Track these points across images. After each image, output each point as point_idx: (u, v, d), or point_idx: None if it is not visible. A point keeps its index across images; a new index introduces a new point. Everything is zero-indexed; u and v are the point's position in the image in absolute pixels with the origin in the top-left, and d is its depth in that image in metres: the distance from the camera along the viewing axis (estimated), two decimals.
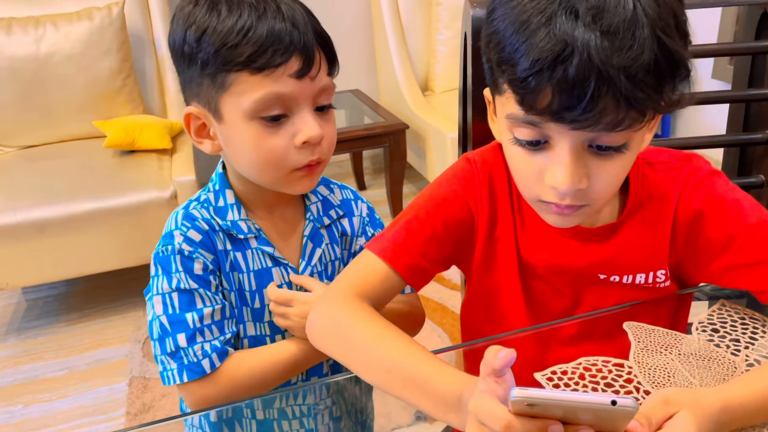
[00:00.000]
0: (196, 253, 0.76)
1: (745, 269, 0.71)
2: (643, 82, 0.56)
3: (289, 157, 0.75)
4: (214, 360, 0.76)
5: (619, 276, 0.76)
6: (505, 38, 0.60)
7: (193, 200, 0.82)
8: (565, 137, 0.61)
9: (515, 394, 0.46)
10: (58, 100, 2.26)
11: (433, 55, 2.83)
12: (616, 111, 0.57)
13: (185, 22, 0.72)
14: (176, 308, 0.76)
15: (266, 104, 0.72)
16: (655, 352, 0.70)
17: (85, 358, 1.98)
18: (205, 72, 0.72)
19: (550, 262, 0.77)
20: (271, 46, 0.70)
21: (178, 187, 2.05)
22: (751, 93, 0.94)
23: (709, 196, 0.73)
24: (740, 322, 0.74)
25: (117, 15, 2.28)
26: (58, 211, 1.95)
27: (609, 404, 0.45)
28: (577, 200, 0.65)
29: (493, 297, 0.81)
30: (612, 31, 0.55)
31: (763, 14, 0.91)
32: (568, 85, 0.56)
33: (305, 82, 0.73)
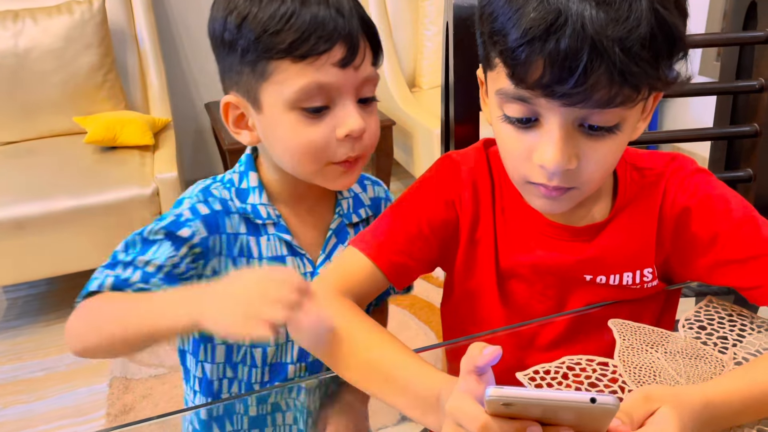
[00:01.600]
0: (191, 222, 0.73)
1: (731, 266, 0.70)
2: (639, 56, 0.54)
3: (328, 150, 0.72)
4: (105, 285, 0.68)
5: (605, 276, 0.74)
6: (497, 8, 0.58)
7: (217, 179, 0.80)
8: (555, 115, 0.59)
9: (490, 394, 0.44)
10: (37, 95, 2.21)
11: (420, 51, 2.81)
12: (609, 86, 0.55)
13: (226, 8, 0.70)
14: (128, 249, 0.71)
15: (308, 94, 0.69)
16: (641, 350, 0.68)
17: (65, 359, 1.94)
18: (245, 60, 0.70)
19: (535, 262, 0.75)
20: (314, 32, 0.67)
21: (160, 184, 2.02)
22: (739, 85, 0.92)
23: (695, 193, 0.71)
24: (728, 320, 0.73)
25: (98, 9, 2.24)
26: (37, 209, 1.91)
27: (588, 402, 0.42)
28: (566, 182, 0.63)
29: (473, 300, 0.79)
30: (608, 1, 0.53)
31: (751, 4, 0.89)
32: (560, 56, 0.54)
33: (349, 72, 0.70)
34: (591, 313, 0.76)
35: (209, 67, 2.80)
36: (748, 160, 0.93)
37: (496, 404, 0.45)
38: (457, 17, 0.84)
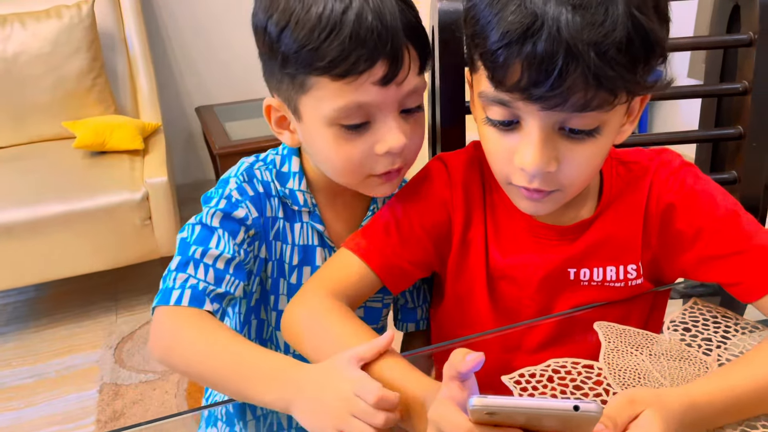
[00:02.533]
0: (243, 203, 0.74)
1: (715, 261, 0.70)
2: (614, 60, 0.54)
3: (367, 164, 0.71)
4: (184, 298, 0.67)
5: (589, 270, 0.74)
6: (479, 11, 0.59)
7: (259, 159, 0.80)
8: (534, 118, 0.59)
9: (474, 403, 0.44)
10: (26, 100, 2.20)
11: None
12: (584, 89, 0.56)
13: (268, 9, 0.67)
14: (191, 237, 0.71)
15: (347, 113, 0.67)
16: (626, 352, 0.68)
17: (55, 365, 1.92)
18: (284, 70, 0.68)
19: (524, 263, 0.75)
20: (354, 50, 0.63)
21: (149, 188, 2.01)
22: (723, 88, 0.93)
23: (680, 188, 0.71)
24: (712, 321, 0.73)
25: (87, 13, 2.23)
26: (25, 214, 1.90)
27: (571, 410, 0.43)
28: (546, 185, 0.63)
29: (463, 303, 0.79)
30: (584, 5, 0.54)
31: (734, 8, 0.90)
32: (536, 59, 0.55)
33: (390, 89, 0.67)
34: (578, 316, 0.76)
35: (199, 71, 2.80)
36: (732, 162, 0.94)
37: (480, 413, 0.45)
38: (442, 21, 0.84)
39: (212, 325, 0.66)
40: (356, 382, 0.55)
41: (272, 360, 0.62)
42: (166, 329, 0.67)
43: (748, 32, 0.88)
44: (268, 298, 0.81)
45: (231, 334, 0.66)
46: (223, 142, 2.30)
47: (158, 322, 0.67)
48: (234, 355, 0.63)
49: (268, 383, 0.60)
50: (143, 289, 2.23)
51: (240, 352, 0.63)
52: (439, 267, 0.80)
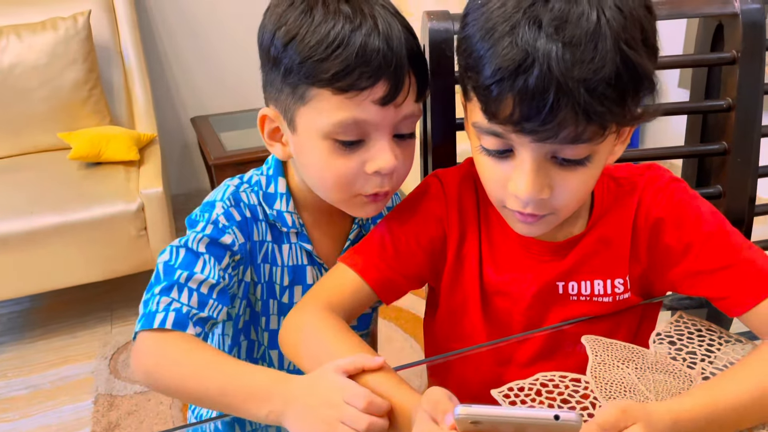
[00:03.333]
0: (230, 229, 0.74)
1: (703, 276, 0.72)
2: (604, 95, 0.56)
3: (357, 183, 0.72)
4: (167, 321, 0.67)
5: (576, 283, 0.76)
6: (472, 44, 0.61)
7: (244, 181, 0.80)
8: (527, 148, 0.61)
9: (459, 412, 0.46)
10: (21, 111, 2.21)
11: None
12: (575, 124, 0.57)
13: (276, 22, 0.69)
14: (176, 261, 0.71)
15: (343, 128, 0.68)
16: (612, 366, 0.69)
17: (50, 376, 1.93)
18: (286, 80, 0.69)
19: (517, 278, 0.77)
20: (359, 66, 0.65)
21: (145, 199, 2.02)
22: (708, 104, 0.95)
23: (668, 203, 0.73)
24: (697, 335, 0.75)
25: (83, 25, 2.24)
26: (21, 225, 1.90)
27: (552, 419, 0.45)
28: (539, 209, 0.65)
29: (456, 316, 0.81)
30: (574, 42, 0.55)
31: (718, 26, 0.92)
32: (528, 95, 0.56)
33: (389, 110, 0.68)
34: (567, 330, 0.77)
35: (195, 82, 2.82)
36: (718, 177, 0.96)
37: (465, 422, 0.47)
38: (433, 40, 0.86)
39: (198, 345, 0.67)
40: (345, 390, 0.57)
41: (261, 376, 0.63)
42: (150, 352, 0.67)
43: (731, 50, 0.90)
44: (258, 319, 0.82)
45: (217, 354, 0.67)
46: (218, 152, 2.32)
47: (142, 345, 0.68)
48: (222, 374, 0.64)
49: (258, 399, 0.61)
50: (138, 299, 2.17)
51: (228, 370, 0.64)
52: (434, 281, 0.81)
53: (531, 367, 0.76)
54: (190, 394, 0.66)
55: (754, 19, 0.89)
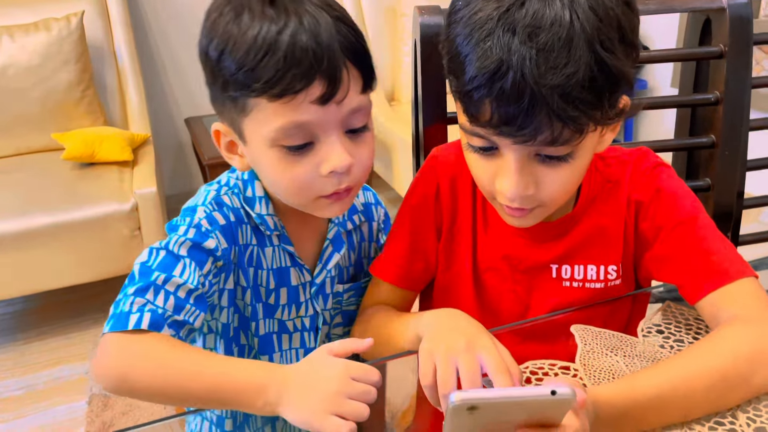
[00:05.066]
0: (213, 234, 0.72)
1: (666, 261, 0.73)
2: (579, 99, 0.57)
3: (314, 186, 0.70)
4: (143, 321, 0.63)
5: (570, 267, 0.77)
6: (452, 49, 0.62)
7: (222, 184, 0.78)
8: (510, 148, 0.63)
9: (455, 399, 0.45)
10: (14, 112, 2.21)
11: (399, 65, 2.84)
12: (551, 128, 0.58)
13: (208, 34, 0.67)
14: (154, 263, 0.69)
15: (286, 133, 0.66)
16: (601, 354, 0.70)
17: (43, 377, 1.92)
18: (226, 93, 0.67)
19: (508, 254, 0.79)
20: (290, 70, 0.63)
21: (139, 199, 2.02)
22: (696, 98, 0.96)
23: (650, 187, 0.74)
24: (684, 324, 0.75)
25: (76, 26, 2.25)
26: (13, 226, 1.90)
27: (549, 395, 0.45)
28: (527, 204, 0.67)
29: (449, 293, 0.83)
30: (547, 48, 0.56)
31: (706, 21, 0.93)
32: (504, 101, 0.57)
33: (330, 108, 0.66)
34: (558, 319, 0.78)
35: (189, 82, 2.82)
36: (706, 170, 0.97)
37: (461, 409, 0.46)
38: (424, 35, 0.87)
39: (179, 344, 0.65)
40: (351, 368, 0.59)
41: (252, 368, 0.63)
42: (123, 354, 0.63)
43: (719, 45, 0.91)
44: (248, 325, 0.81)
45: (202, 351, 0.67)
46: (212, 152, 2.32)
47: (112, 347, 0.63)
48: (211, 370, 0.63)
49: (252, 392, 0.61)
50: None
51: (217, 366, 0.63)
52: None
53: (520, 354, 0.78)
54: (175, 395, 0.64)
55: (741, 13, 0.90)
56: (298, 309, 0.82)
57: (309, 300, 0.82)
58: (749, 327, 0.63)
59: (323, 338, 0.86)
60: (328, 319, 0.85)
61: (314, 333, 0.84)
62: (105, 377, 0.64)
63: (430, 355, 0.60)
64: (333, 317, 0.86)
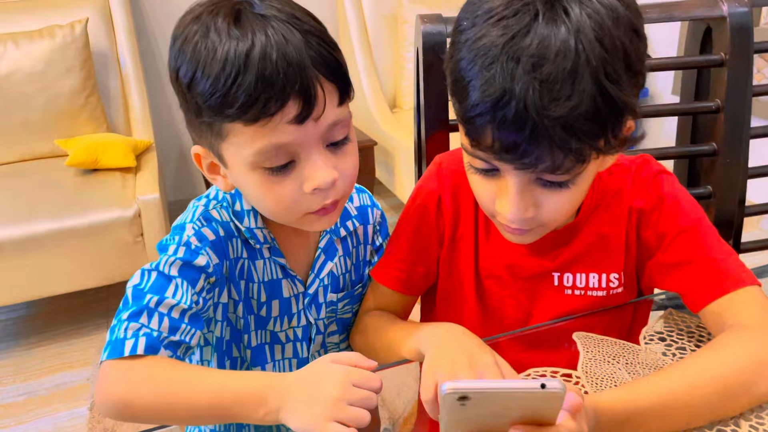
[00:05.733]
0: (203, 250, 0.72)
1: (669, 270, 0.73)
2: (581, 131, 0.56)
3: (300, 204, 0.69)
4: (138, 346, 0.63)
5: (572, 274, 0.77)
6: (455, 72, 0.61)
7: (211, 198, 0.78)
8: (511, 173, 0.62)
9: (447, 388, 0.46)
10: (18, 119, 2.22)
11: (401, 72, 2.85)
12: (552, 157, 0.58)
13: (176, 59, 0.66)
14: (146, 285, 0.68)
15: (266, 156, 0.65)
16: (603, 361, 0.70)
17: (45, 383, 1.92)
18: (200, 119, 0.65)
19: (511, 262, 0.79)
20: (263, 92, 0.61)
21: (142, 205, 2.02)
22: (697, 106, 0.96)
23: (653, 195, 0.75)
24: (686, 332, 0.75)
25: (80, 33, 2.26)
26: (16, 231, 1.90)
27: (538, 388, 0.45)
28: (527, 225, 0.67)
29: (451, 301, 0.83)
30: (551, 80, 0.55)
31: (707, 29, 0.93)
32: (506, 129, 0.57)
33: (308, 126, 0.64)
34: (560, 326, 0.78)
35: None
36: (707, 178, 0.97)
37: (452, 399, 0.46)
38: (426, 43, 0.87)
39: (176, 363, 0.65)
40: (353, 374, 0.59)
41: (250, 378, 0.63)
42: (122, 379, 0.63)
43: (720, 53, 0.92)
44: (240, 337, 0.81)
45: (199, 368, 0.67)
46: None
47: (111, 374, 0.63)
48: (210, 385, 0.63)
49: (253, 403, 0.61)
50: None
51: (215, 381, 0.63)
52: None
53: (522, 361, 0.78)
54: (175, 414, 0.63)
55: (742, 22, 0.90)
56: (291, 320, 0.82)
57: (302, 311, 0.82)
58: (752, 335, 0.63)
59: (318, 348, 0.86)
60: (321, 328, 0.85)
61: (307, 343, 0.85)
62: (107, 405, 0.63)
63: (433, 372, 0.60)
64: (327, 326, 0.86)
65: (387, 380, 0.65)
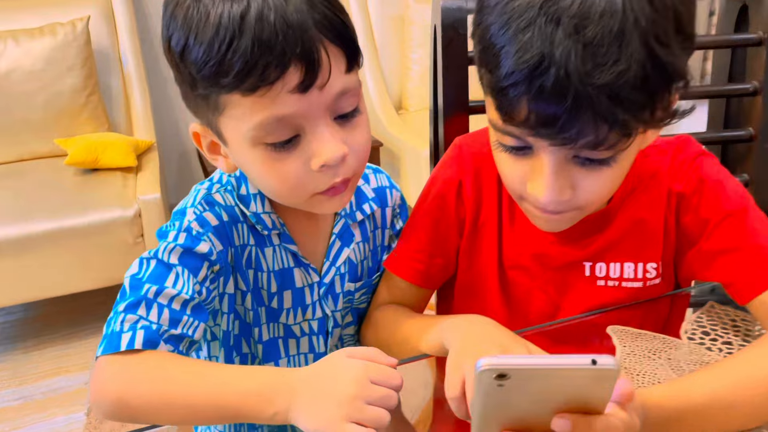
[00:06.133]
0: (205, 236, 0.66)
1: (713, 257, 0.67)
2: (629, 100, 0.51)
3: (308, 183, 0.62)
4: (136, 340, 0.58)
5: (605, 264, 0.71)
6: (485, 38, 0.55)
7: (214, 182, 0.72)
8: (546, 150, 0.56)
9: (483, 364, 0.40)
10: (18, 117, 2.17)
11: (407, 74, 2.81)
12: (595, 132, 0.52)
13: (168, 26, 0.60)
14: (145, 275, 0.63)
15: (267, 129, 0.59)
16: (643, 357, 0.65)
17: (42, 387, 1.87)
18: (196, 92, 0.60)
19: (538, 252, 0.73)
20: (260, 58, 0.55)
21: (142, 205, 1.97)
22: (732, 88, 0.91)
23: (692, 178, 0.69)
24: (731, 325, 0.70)
25: (81, 31, 2.22)
26: (14, 231, 1.85)
27: (589, 364, 0.39)
28: (561, 208, 0.60)
29: (473, 293, 0.77)
30: (596, 43, 0.49)
31: (742, 8, 0.88)
32: (544, 101, 0.51)
33: (312, 95, 0.58)
34: (591, 320, 0.73)
35: None
36: (743, 165, 0.92)
37: (489, 377, 0.40)
38: (445, 20, 0.82)
39: (178, 358, 0.60)
40: (372, 368, 0.53)
41: (260, 374, 0.58)
42: (118, 376, 0.58)
43: (758, 31, 0.86)
44: (250, 331, 0.75)
45: (204, 362, 0.62)
46: None
47: (106, 370, 0.59)
48: (216, 381, 0.57)
49: (262, 400, 0.55)
50: None
51: (222, 377, 0.58)
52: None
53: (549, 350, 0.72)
54: (176, 414, 0.58)
55: None
56: (305, 312, 0.76)
57: (317, 302, 0.76)
58: None
59: (336, 341, 0.80)
60: (339, 320, 0.79)
61: (324, 337, 0.78)
62: (102, 404, 0.59)
63: (459, 367, 0.54)
64: (344, 317, 0.80)
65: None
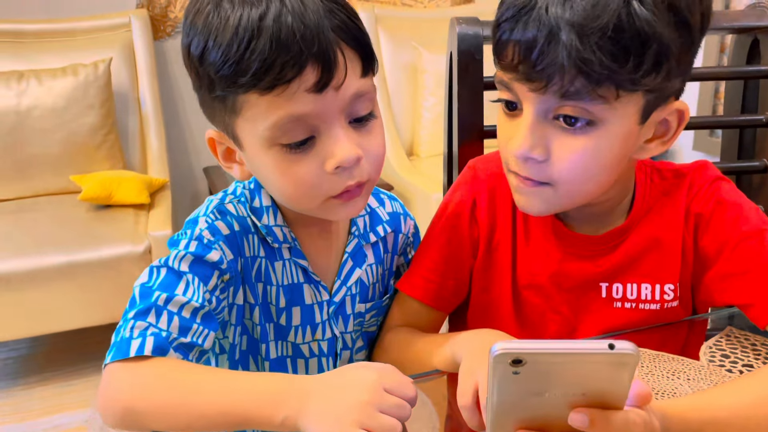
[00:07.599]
0: (216, 245, 0.66)
1: (731, 280, 0.66)
2: (597, 46, 0.54)
3: (322, 185, 0.63)
4: (146, 347, 0.58)
5: (622, 285, 0.70)
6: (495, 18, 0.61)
7: (228, 193, 0.72)
8: (529, 102, 0.60)
9: (498, 349, 0.39)
10: (35, 153, 2.20)
11: (419, 121, 2.84)
12: (563, 71, 0.55)
13: (188, 35, 0.63)
14: (155, 282, 0.63)
15: (283, 129, 0.60)
16: (662, 377, 0.63)
17: (43, 424, 1.83)
18: (213, 94, 0.62)
19: (553, 272, 0.72)
20: (278, 57, 0.57)
21: (153, 241, 1.97)
22: (745, 119, 0.91)
23: (710, 200, 0.69)
24: (751, 348, 0.68)
25: (103, 72, 2.28)
26: (24, 264, 1.85)
27: (607, 349, 0.38)
28: (535, 174, 0.62)
29: (486, 314, 0.76)
30: None
31: (753, 41, 0.90)
32: (522, 39, 0.57)
33: (328, 95, 0.59)
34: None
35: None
36: (757, 196, 0.91)
37: (504, 363, 0.39)
38: (461, 46, 0.84)
39: (186, 365, 0.59)
40: (386, 377, 0.52)
41: (269, 380, 0.57)
42: (127, 384, 0.58)
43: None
44: (258, 348, 0.74)
45: (212, 369, 0.61)
46: None
47: (115, 378, 0.58)
48: (225, 388, 0.57)
49: (272, 406, 0.54)
50: None
51: (230, 383, 0.57)
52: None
53: None
54: (186, 421, 0.57)
55: None
56: (314, 331, 0.75)
57: (326, 321, 0.75)
58: None
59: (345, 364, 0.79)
60: (349, 343, 0.78)
61: (333, 359, 0.77)
62: (110, 411, 0.58)
63: (472, 374, 0.54)
64: (354, 341, 0.79)
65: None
